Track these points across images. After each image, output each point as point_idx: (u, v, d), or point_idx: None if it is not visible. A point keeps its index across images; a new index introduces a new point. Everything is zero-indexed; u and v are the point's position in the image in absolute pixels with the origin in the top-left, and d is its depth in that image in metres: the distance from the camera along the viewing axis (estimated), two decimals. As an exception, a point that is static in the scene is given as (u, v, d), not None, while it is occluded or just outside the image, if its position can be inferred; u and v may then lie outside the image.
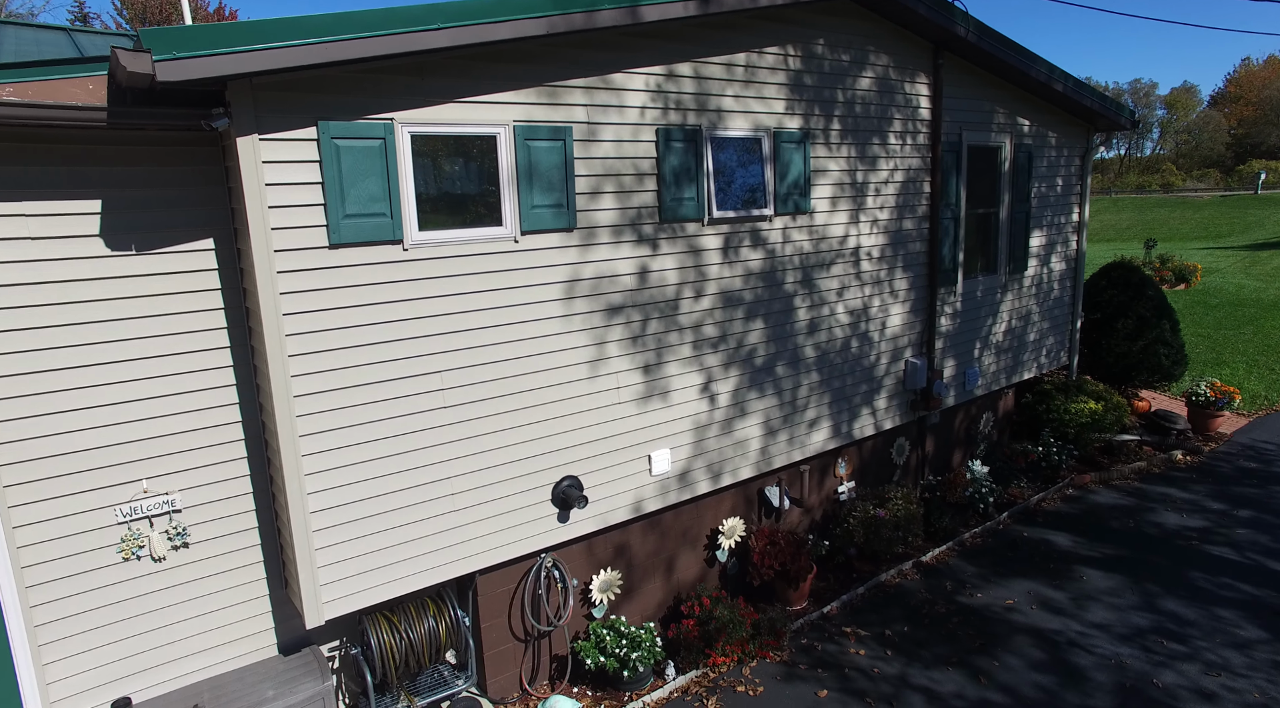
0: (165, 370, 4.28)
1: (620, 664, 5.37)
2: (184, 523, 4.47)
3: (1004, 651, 5.84)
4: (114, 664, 4.38)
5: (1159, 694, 5.28)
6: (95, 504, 4.19)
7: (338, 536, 4.48)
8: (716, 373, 6.03)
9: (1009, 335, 8.79)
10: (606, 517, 5.59)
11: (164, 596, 4.48)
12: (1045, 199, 8.91)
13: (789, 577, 6.30)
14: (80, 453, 4.11)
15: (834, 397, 6.93)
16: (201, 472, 4.49)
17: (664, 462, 5.79)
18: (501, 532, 5.10)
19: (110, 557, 4.29)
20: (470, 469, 4.90)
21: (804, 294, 6.53)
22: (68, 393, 4.03)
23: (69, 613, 4.20)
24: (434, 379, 4.68)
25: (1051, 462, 8.61)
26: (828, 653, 5.89)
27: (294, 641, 4.97)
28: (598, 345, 5.35)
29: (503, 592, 5.38)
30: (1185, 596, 6.49)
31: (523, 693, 5.55)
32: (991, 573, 6.99)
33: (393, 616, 4.91)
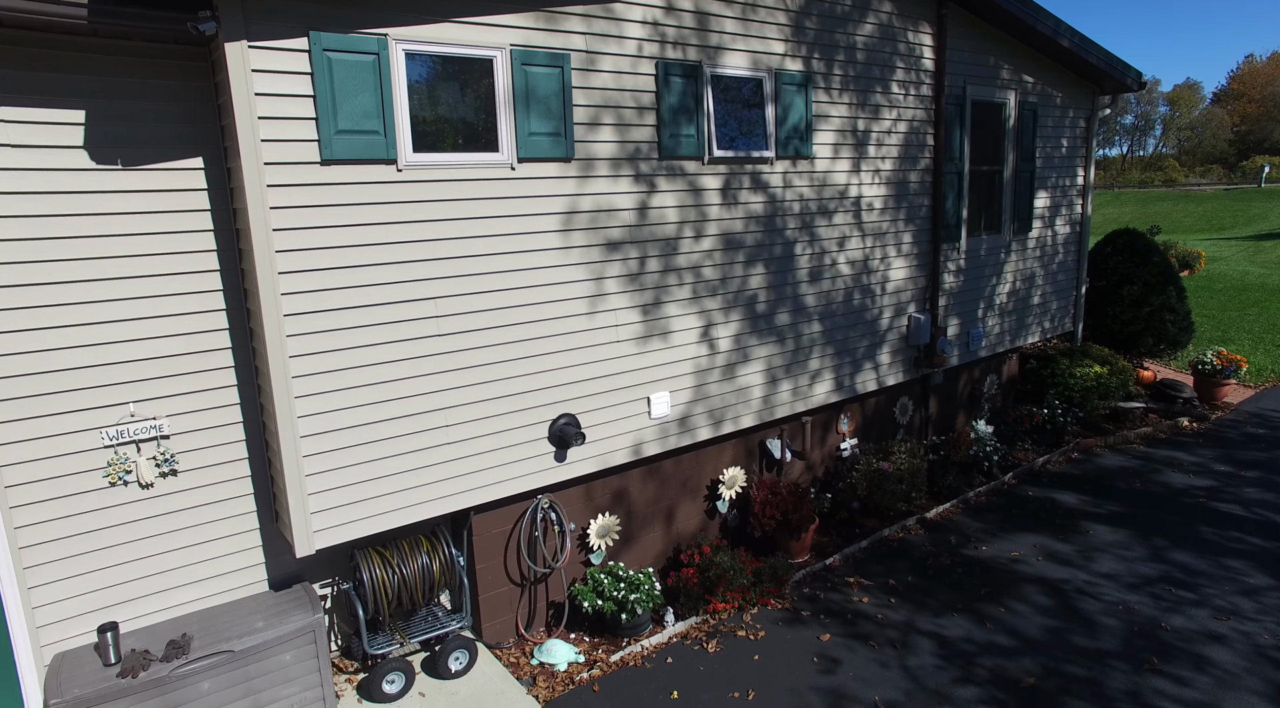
0: (152, 291, 4.19)
1: (618, 607, 5.26)
2: (172, 450, 4.38)
3: (1011, 598, 5.73)
4: (102, 592, 4.29)
5: (1168, 637, 5.18)
6: (80, 426, 4.09)
7: (329, 462, 4.38)
8: (717, 317, 5.93)
9: (1013, 298, 8.68)
10: (605, 459, 5.49)
11: (152, 524, 4.38)
12: (1050, 160, 8.81)
13: (791, 527, 6.19)
14: (64, 372, 4.01)
15: (836, 349, 6.82)
16: (190, 398, 4.39)
17: (663, 405, 5.68)
18: (497, 468, 5.00)
19: (96, 481, 4.19)
20: (465, 401, 4.80)
21: (805, 242, 6.43)
22: (50, 309, 3.93)
23: (54, 536, 4.11)
24: (428, 306, 4.59)
25: (1056, 424, 8.50)
26: (831, 601, 5.78)
27: (285, 577, 4.87)
28: (596, 281, 5.25)
29: (498, 533, 5.28)
30: (1193, 548, 6.38)
31: (519, 638, 5.45)
32: (997, 528, 6.88)
33: (385, 551, 4.81)
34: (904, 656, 5.08)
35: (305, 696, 4.54)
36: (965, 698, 4.65)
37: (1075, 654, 5.03)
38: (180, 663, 4.10)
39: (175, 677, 4.08)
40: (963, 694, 4.68)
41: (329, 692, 4.61)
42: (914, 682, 4.81)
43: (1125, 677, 4.79)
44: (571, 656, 5.15)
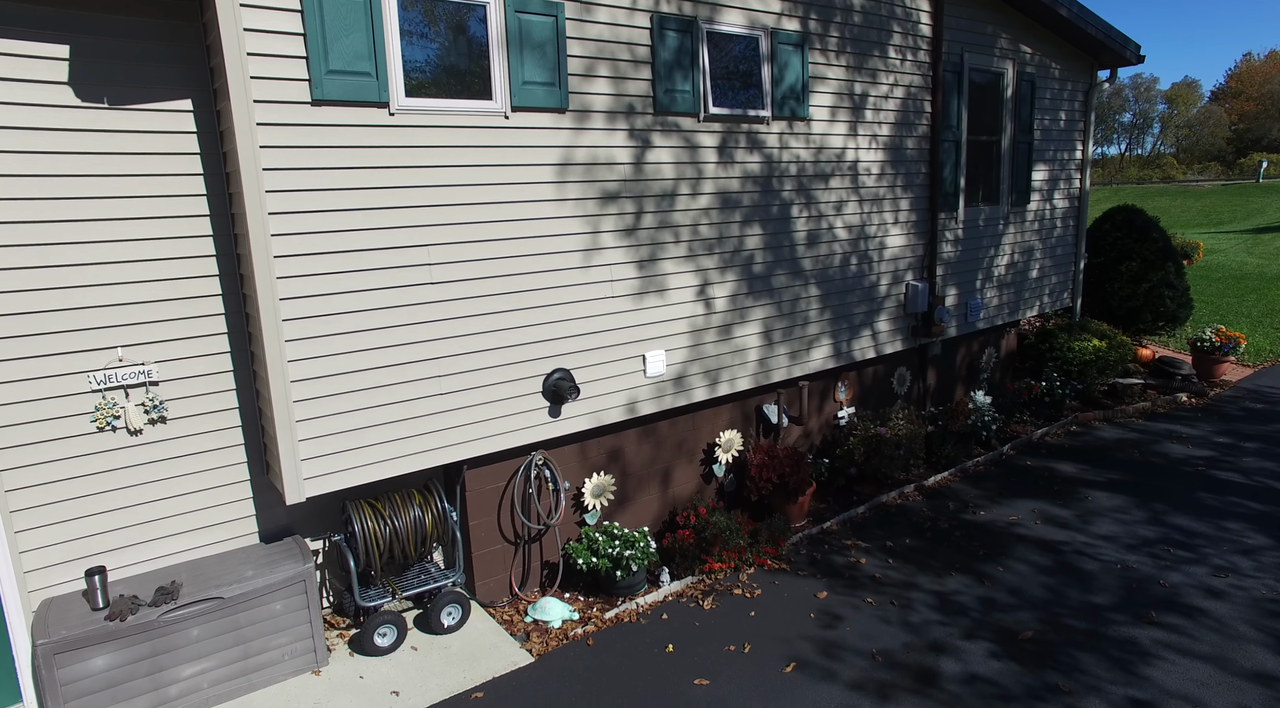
0: (140, 234, 4.14)
1: (613, 564, 5.22)
2: (161, 397, 4.33)
3: (1009, 558, 5.69)
4: (90, 539, 4.24)
5: (1166, 592, 5.13)
6: (67, 368, 4.05)
7: (320, 408, 4.33)
8: (713, 276, 5.88)
9: (1011, 270, 8.64)
10: (599, 417, 5.44)
11: (141, 471, 4.33)
12: (1048, 133, 8.77)
13: (788, 489, 6.15)
14: (50, 313, 3.97)
15: (834, 314, 6.78)
16: (179, 344, 4.34)
17: (659, 363, 5.64)
18: (491, 422, 4.96)
19: (84, 426, 4.14)
20: (458, 352, 4.75)
21: (802, 205, 6.39)
22: (36, 248, 3.89)
23: (42, 481, 4.06)
24: (420, 253, 4.54)
25: (1055, 396, 8.46)
26: (829, 561, 5.74)
27: (276, 530, 4.82)
28: (591, 236, 5.20)
29: (492, 490, 5.23)
30: (1192, 512, 6.34)
31: (512, 598, 5.40)
32: (996, 495, 6.84)
33: (378, 503, 4.77)
34: (903, 612, 5.03)
35: (296, 646, 4.49)
36: (965, 650, 4.60)
37: (1074, 609, 4.99)
38: (169, 608, 4.05)
39: (164, 622, 4.04)
40: (962, 646, 4.64)
41: (320, 643, 4.56)
42: (913, 635, 4.77)
43: (1124, 629, 4.75)
44: (566, 613, 5.10)
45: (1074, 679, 4.31)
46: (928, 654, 4.58)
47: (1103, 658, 4.49)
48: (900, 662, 4.51)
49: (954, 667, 4.46)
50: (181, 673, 4.14)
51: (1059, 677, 4.34)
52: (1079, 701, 4.14)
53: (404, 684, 4.42)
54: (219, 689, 4.26)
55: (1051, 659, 4.49)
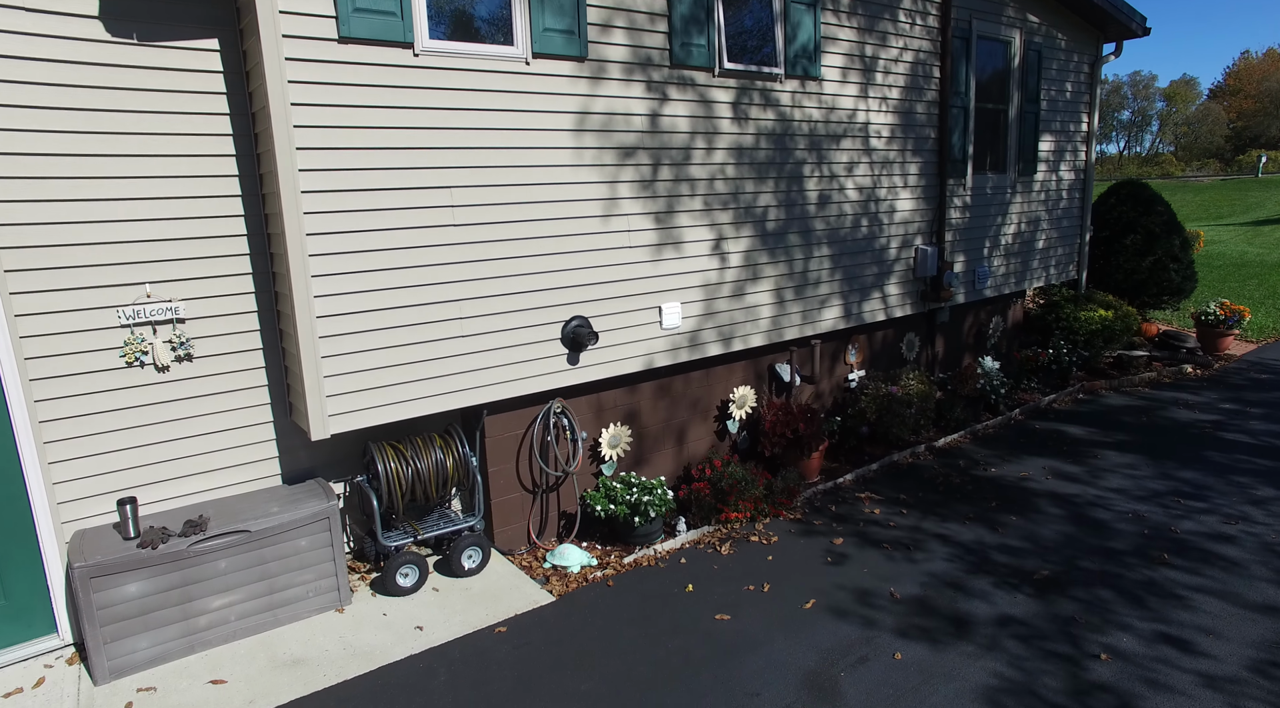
0: (168, 172, 4.20)
1: (631, 511, 5.27)
2: (187, 334, 4.38)
3: (1022, 509, 5.75)
4: (119, 474, 4.29)
5: (1179, 537, 5.19)
6: (97, 303, 4.10)
7: (344, 345, 4.39)
8: (727, 231, 5.94)
9: (1018, 240, 8.71)
10: (616, 367, 5.50)
11: (168, 408, 4.39)
12: (1054, 104, 8.84)
13: (801, 444, 6.20)
14: (80, 247, 4.02)
15: (844, 275, 6.84)
16: (206, 283, 4.40)
17: (675, 315, 5.70)
18: (510, 366, 5.01)
19: (113, 360, 4.20)
20: (480, 294, 4.81)
21: (814, 165, 6.45)
22: (67, 181, 3.94)
23: (73, 413, 4.11)
24: (443, 195, 4.60)
25: (1062, 364, 8.52)
26: (844, 513, 5.79)
27: (299, 473, 4.88)
28: (609, 185, 5.26)
29: (510, 437, 5.29)
30: (1201, 468, 6.40)
31: (530, 546, 5.45)
32: (1006, 453, 6.90)
33: (400, 445, 4.82)
34: (919, 556, 5.09)
35: (320, 584, 4.54)
36: (982, 589, 4.66)
37: (1087, 552, 5.05)
38: (198, 539, 4.10)
39: (193, 552, 4.09)
40: (980, 586, 4.70)
41: (343, 582, 4.61)
42: (930, 576, 4.83)
43: (1138, 570, 4.81)
44: (584, 559, 5.15)
45: (1092, 614, 4.37)
46: (945, 591, 4.63)
47: (1119, 595, 4.55)
48: (918, 599, 4.57)
49: (973, 605, 4.51)
50: (210, 604, 4.19)
51: (1077, 609, 4.40)
52: (1097, 633, 4.20)
53: (427, 620, 4.48)
54: (246, 623, 4.31)
55: (1068, 596, 4.55)
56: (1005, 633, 4.19)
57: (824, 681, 3.85)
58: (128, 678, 3.99)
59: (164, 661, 4.10)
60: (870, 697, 3.72)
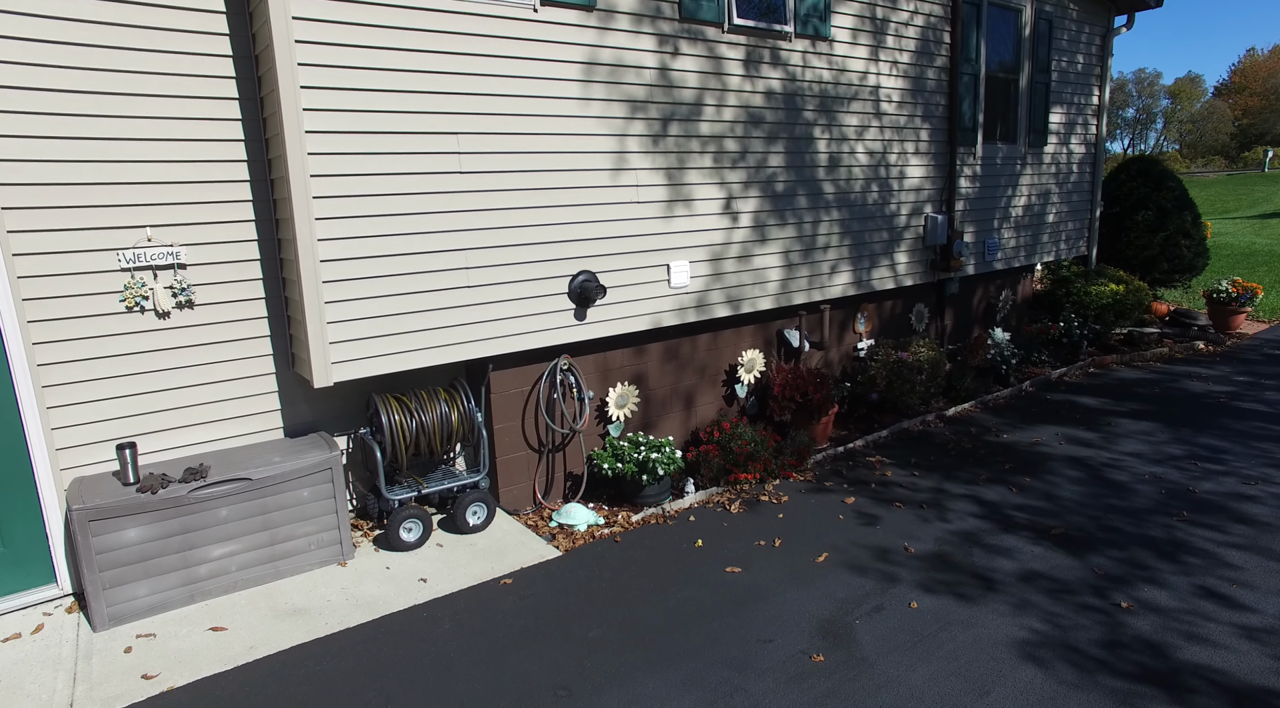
0: (169, 113, 4.12)
1: (638, 469, 5.18)
2: (189, 280, 4.30)
3: (1038, 471, 5.65)
4: (119, 421, 4.21)
5: (1200, 498, 5.09)
6: (96, 244, 4.02)
7: (348, 291, 4.30)
8: (736, 191, 5.85)
9: (1028, 213, 8.61)
10: (624, 324, 5.41)
11: (169, 356, 4.31)
12: (1065, 75, 8.74)
13: (810, 408, 6.11)
14: (79, 186, 3.94)
15: (853, 241, 6.75)
16: (208, 229, 4.32)
17: (683, 274, 5.61)
18: (517, 319, 4.93)
19: (113, 304, 4.12)
20: (486, 244, 4.73)
21: (824, 127, 6.36)
22: (65, 118, 3.86)
23: (72, 358, 4.03)
24: (450, 141, 4.52)
25: (1073, 337, 8.41)
26: (855, 475, 5.70)
27: (301, 426, 4.80)
28: (618, 138, 5.18)
29: (516, 393, 5.20)
30: (1218, 434, 6.29)
31: (536, 506, 5.36)
32: (1018, 422, 6.80)
33: (404, 397, 4.74)
34: (933, 514, 5.00)
35: (322, 536, 4.46)
36: (999, 545, 4.56)
37: (1106, 511, 4.95)
38: (198, 485, 4.02)
39: (193, 499, 4.01)
40: (996, 542, 4.60)
41: (346, 535, 4.53)
42: (945, 532, 4.73)
43: (1160, 527, 4.70)
44: (591, 518, 5.06)
45: (1118, 567, 4.27)
46: (962, 547, 4.54)
47: (1144, 550, 4.45)
48: (935, 554, 4.47)
49: (992, 559, 4.42)
50: (211, 553, 4.11)
51: (1102, 564, 4.30)
52: (1126, 586, 4.10)
53: (431, 574, 4.39)
54: (247, 574, 4.23)
55: (1091, 551, 4.46)
56: (1027, 585, 4.10)
57: (838, 628, 3.76)
58: (127, 625, 3.91)
59: (164, 609, 4.01)
60: (886, 642, 3.62)
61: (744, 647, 3.62)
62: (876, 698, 3.24)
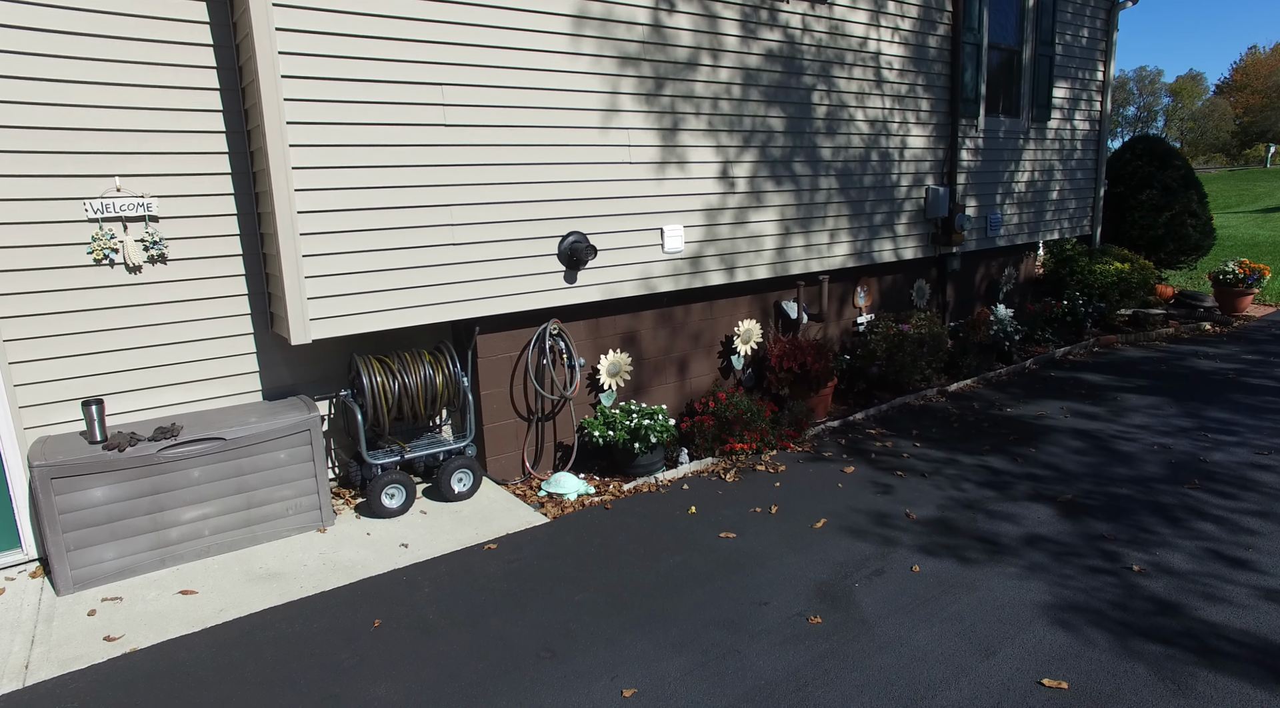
0: (142, 57, 3.95)
1: (630, 436, 5.00)
2: (161, 234, 4.13)
3: (1043, 442, 5.47)
4: (87, 379, 4.05)
5: (1210, 468, 4.92)
6: (61, 193, 3.85)
7: (326, 245, 4.13)
8: (732, 154, 5.68)
9: (1031, 189, 8.44)
10: (615, 289, 5.24)
11: (140, 313, 4.14)
12: (1070, 49, 8.57)
13: (809, 380, 5.93)
14: (42, 130, 3.77)
15: (853, 210, 6.58)
16: (181, 181, 4.15)
17: (677, 238, 5.44)
18: (504, 280, 4.76)
19: (80, 256, 3.95)
20: (472, 201, 4.56)
21: (823, 92, 6.19)
22: (25, 58, 3.69)
23: (36, 310, 3.86)
24: (434, 92, 4.35)
25: (1077, 315, 8.24)
26: (855, 446, 5.52)
27: (280, 390, 4.63)
28: (610, 96, 5.00)
29: (504, 358, 5.03)
30: (1228, 408, 6.12)
31: (525, 476, 5.19)
32: (1022, 397, 6.63)
33: (387, 359, 4.56)
34: (936, 482, 4.83)
35: (301, 501, 4.29)
36: (1004, 511, 4.39)
37: (1114, 480, 4.78)
38: (169, 444, 3.85)
39: (163, 458, 3.83)
40: (1001, 509, 4.43)
41: (325, 501, 4.35)
42: (948, 500, 4.56)
43: (1170, 495, 4.53)
44: (581, 488, 4.89)
45: (1128, 532, 4.10)
46: (965, 513, 4.37)
47: (1155, 516, 4.28)
48: (937, 520, 4.30)
49: (996, 525, 4.25)
50: (183, 516, 3.93)
51: (1111, 529, 4.13)
52: (1137, 550, 3.93)
53: (413, 540, 4.22)
54: (221, 539, 4.06)
55: (1099, 517, 4.28)
56: (1034, 550, 3.92)
57: (837, 591, 3.58)
58: (92, 589, 3.73)
59: (132, 573, 3.84)
60: (886, 605, 3.45)
61: (738, 609, 3.45)
62: (878, 659, 3.07)
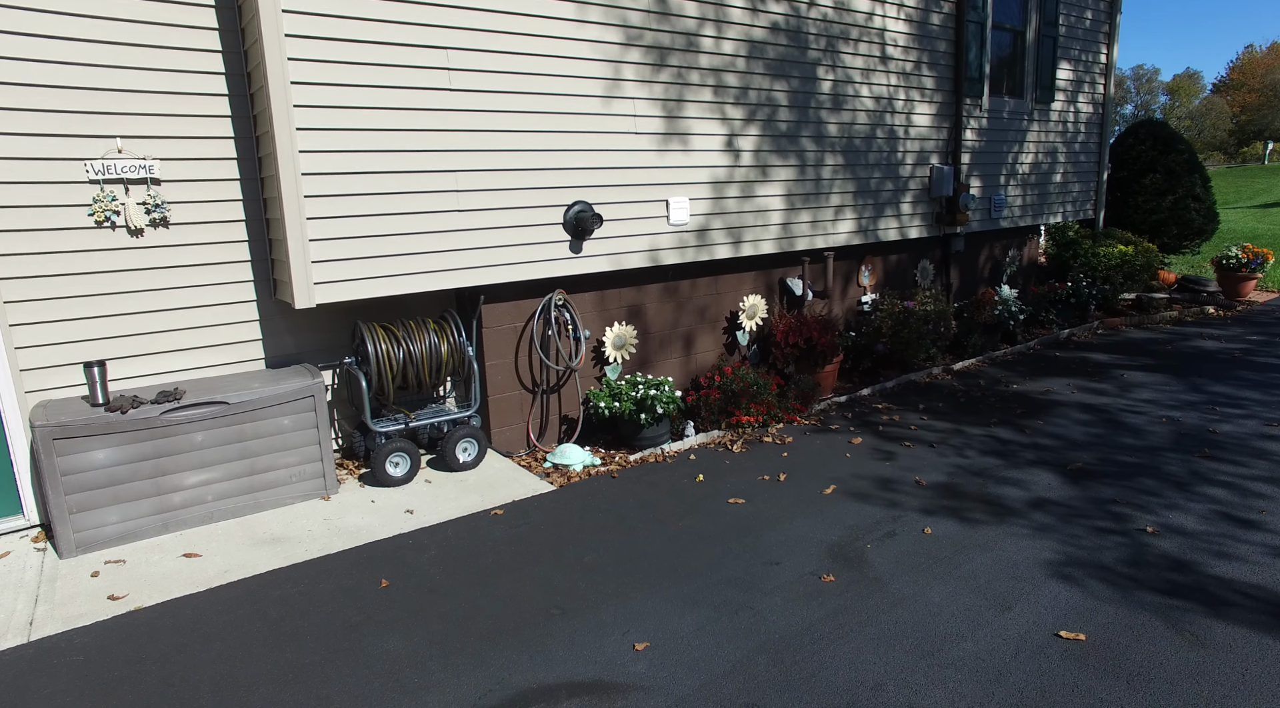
0: (142, 16, 3.90)
1: (637, 407, 4.97)
2: (163, 196, 4.09)
3: (1050, 415, 5.44)
4: (89, 343, 4.00)
5: (1219, 439, 4.89)
6: (62, 152, 3.81)
7: (331, 208, 4.09)
8: (737, 128, 5.65)
9: (1034, 171, 8.41)
10: (621, 260, 5.20)
11: (143, 277, 4.09)
12: (1073, 31, 8.55)
13: (815, 355, 5.90)
14: (42, 88, 3.72)
15: (858, 187, 6.55)
16: (184, 143, 4.10)
17: (682, 211, 5.40)
18: (509, 249, 4.72)
19: (81, 218, 3.90)
20: (477, 167, 4.52)
21: (828, 67, 6.16)
22: (29, 13, 3.64)
23: (36, 272, 3.82)
24: (439, 55, 4.30)
25: (1081, 297, 8.21)
26: (862, 419, 5.49)
27: (284, 359, 4.59)
28: (614, 65, 4.97)
29: (509, 329, 4.99)
30: (1234, 384, 6.10)
31: (530, 448, 5.15)
32: (1027, 375, 6.60)
33: (392, 326, 4.52)
34: (943, 452, 4.79)
35: (304, 468, 4.24)
36: (1011, 477, 4.36)
37: (1122, 449, 4.75)
38: (171, 407, 3.80)
39: (165, 421, 3.79)
40: (1008, 474, 4.39)
41: (329, 468, 4.31)
42: (956, 467, 4.52)
43: (1179, 463, 4.50)
44: (587, 459, 4.85)
45: (1137, 496, 4.07)
46: (974, 480, 4.33)
47: (1163, 482, 4.25)
48: (946, 485, 4.27)
49: (1005, 490, 4.21)
50: (185, 480, 3.89)
51: (1120, 493, 4.10)
52: (1146, 513, 3.90)
53: (418, 506, 4.18)
54: (224, 505, 4.01)
55: (1108, 483, 4.25)
56: (1045, 513, 3.89)
57: (849, 552, 3.55)
58: (95, 553, 3.69)
59: (135, 538, 3.80)
60: (899, 564, 3.41)
61: (749, 569, 3.41)
62: (892, 614, 3.03)
